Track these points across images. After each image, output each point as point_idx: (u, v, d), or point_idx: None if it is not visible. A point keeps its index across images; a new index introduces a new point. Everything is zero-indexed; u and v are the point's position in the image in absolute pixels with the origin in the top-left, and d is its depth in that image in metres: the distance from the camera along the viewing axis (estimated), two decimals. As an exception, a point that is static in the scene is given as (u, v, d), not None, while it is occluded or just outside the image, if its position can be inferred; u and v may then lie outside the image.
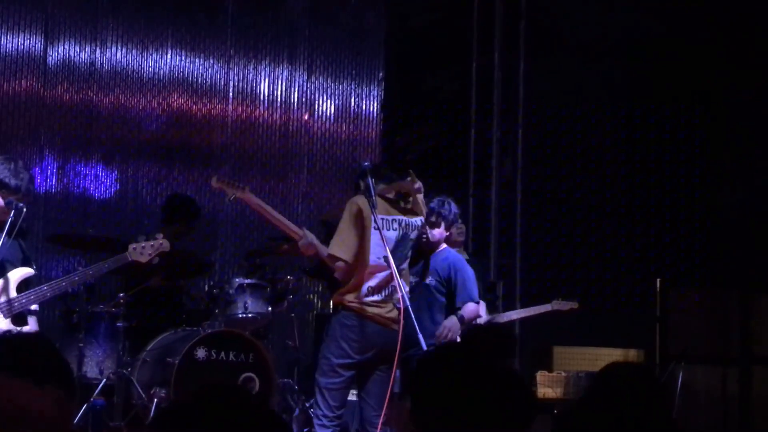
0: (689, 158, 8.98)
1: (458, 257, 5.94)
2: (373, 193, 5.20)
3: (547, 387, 7.97)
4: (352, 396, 6.62)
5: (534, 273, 8.68)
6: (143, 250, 5.42)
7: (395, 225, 5.31)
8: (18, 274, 5.16)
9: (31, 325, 5.17)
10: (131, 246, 5.43)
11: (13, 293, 5.09)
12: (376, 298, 5.20)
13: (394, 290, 5.21)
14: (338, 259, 5.17)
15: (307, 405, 6.25)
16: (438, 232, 5.83)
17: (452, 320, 5.66)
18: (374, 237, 5.15)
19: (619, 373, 2.82)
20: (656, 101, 8.94)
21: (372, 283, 5.19)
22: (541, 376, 8.54)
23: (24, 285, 5.19)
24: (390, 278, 5.18)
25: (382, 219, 5.19)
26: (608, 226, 9.05)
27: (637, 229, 9.04)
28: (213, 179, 5.41)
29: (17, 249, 5.27)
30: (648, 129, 9.00)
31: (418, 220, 5.44)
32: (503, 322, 6.72)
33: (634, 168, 9.07)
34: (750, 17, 8.51)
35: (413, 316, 5.09)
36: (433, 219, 5.79)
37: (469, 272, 5.81)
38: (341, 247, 5.17)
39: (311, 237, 5.27)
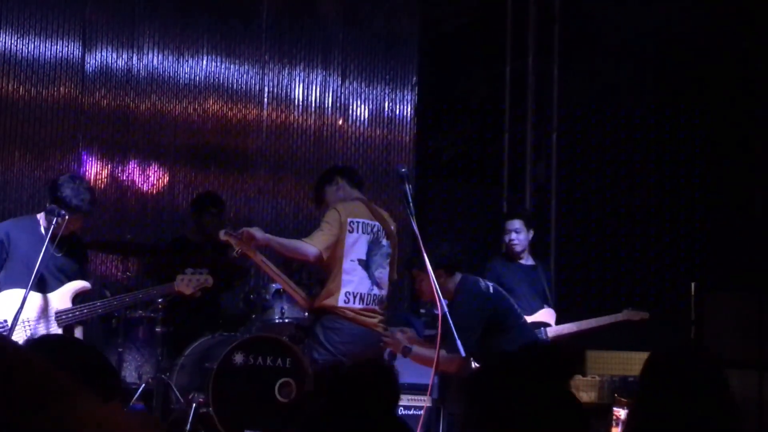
0: (725, 161, 8.91)
1: (457, 299, 5.45)
2: (410, 200, 5.25)
3: (582, 391, 7.94)
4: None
5: (569, 277, 8.65)
6: (189, 283, 5.80)
7: (369, 229, 5.38)
8: (75, 286, 5.39)
9: (77, 335, 5.31)
10: (179, 277, 5.79)
11: (68, 304, 5.28)
12: (357, 306, 5.25)
13: (379, 301, 5.29)
14: (319, 252, 5.26)
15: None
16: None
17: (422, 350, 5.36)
18: (348, 240, 5.26)
19: (664, 362, 2.77)
20: (693, 101, 8.88)
21: (349, 288, 5.25)
22: (574, 380, 8.53)
23: (78, 296, 5.41)
24: (368, 283, 5.26)
25: (363, 222, 5.29)
26: (642, 229, 9.01)
27: (671, 232, 8.99)
28: (221, 232, 5.43)
29: (75, 260, 5.48)
30: (683, 130, 8.95)
31: (392, 226, 5.50)
32: (570, 342, 6.59)
33: (668, 170, 9.02)
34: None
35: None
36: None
37: (457, 318, 5.07)
38: (322, 242, 5.27)
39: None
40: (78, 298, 5.57)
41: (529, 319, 6.13)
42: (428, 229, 7.49)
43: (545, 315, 6.45)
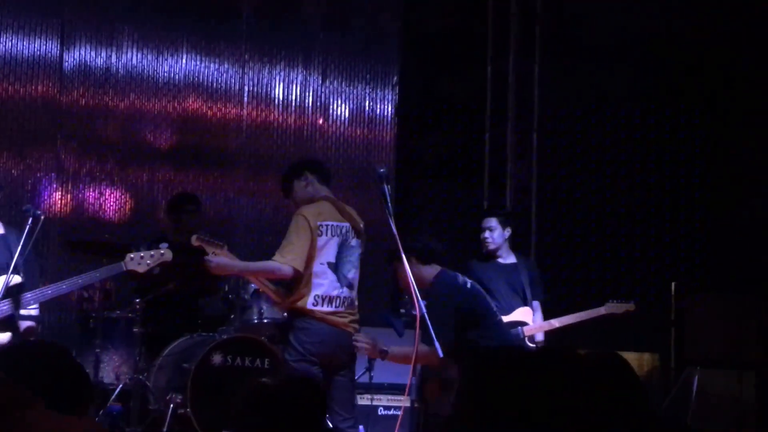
0: (708, 160, 8.94)
1: (434, 292, 5.45)
2: (389, 200, 5.24)
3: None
4: (364, 400, 6.66)
5: (549, 276, 8.66)
6: (141, 260, 5.26)
7: (339, 231, 5.35)
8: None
9: (23, 326, 5.08)
10: (129, 255, 5.26)
11: None
12: (327, 308, 5.23)
13: (350, 302, 5.27)
14: (294, 269, 5.19)
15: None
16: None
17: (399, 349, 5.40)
18: (318, 243, 5.24)
19: (591, 365, 2.82)
20: (673, 101, 8.91)
21: (319, 291, 5.23)
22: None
23: (13, 292, 5.07)
24: (338, 285, 5.23)
25: (332, 225, 5.26)
26: (623, 230, 9.03)
27: (652, 233, 9.01)
28: (193, 237, 5.29)
29: (7, 256, 5.17)
30: (664, 130, 8.97)
31: (360, 225, 5.47)
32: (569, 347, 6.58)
33: (649, 171, 9.04)
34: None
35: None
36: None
37: (433, 311, 5.12)
38: (295, 257, 5.19)
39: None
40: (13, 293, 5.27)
41: (506, 318, 6.12)
42: (409, 229, 7.46)
43: (522, 314, 6.44)
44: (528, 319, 6.48)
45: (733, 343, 8.71)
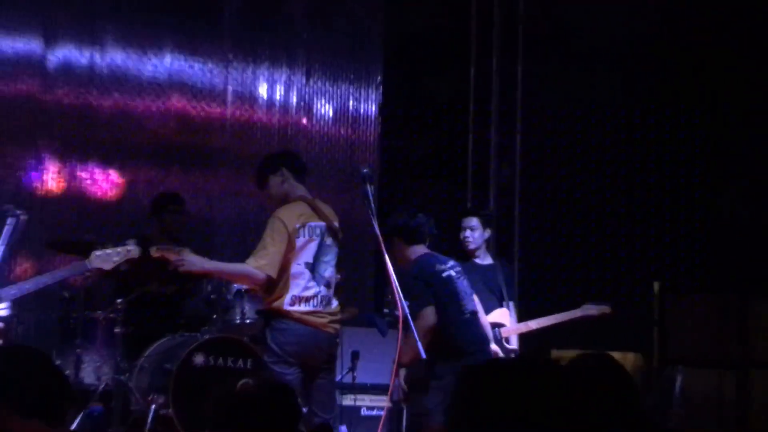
0: (689, 161, 8.97)
1: (408, 268, 5.57)
2: (371, 200, 5.24)
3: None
4: (347, 400, 6.67)
5: (533, 277, 8.68)
6: (108, 257, 5.17)
7: (316, 231, 5.34)
8: None
9: None
10: (95, 252, 5.16)
11: None
12: (304, 308, 5.23)
13: (327, 301, 5.27)
14: (267, 276, 5.15)
15: (305, 410, 6.25)
16: None
17: None
18: (296, 245, 5.22)
19: (584, 366, 2.84)
20: (655, 103, 8.94)
21: (296, 291, 5.22)
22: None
23: None
24: (315, 285, 5.23)
25: (309, 226, 5.26)
26: (607, 230, 9.05)
27: (636, 232, 9.04)
28: (152, 249, 5.17)
29: None
30: (646, 132, 9.00)
31: (335, 223, 5.45)
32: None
33: (632, 171, 9.07)
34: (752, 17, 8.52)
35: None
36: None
37: (403, 285, 5.23)
38: (268, 263, 5.14)
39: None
40: None
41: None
42: (390, 228, 7.45)
43: (499, 315, 6.45)
44: (506, 320, 6.49)
45: (716, 343, 8.75)
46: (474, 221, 6.53)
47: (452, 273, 5.57)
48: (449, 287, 5.51)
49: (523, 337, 6.75)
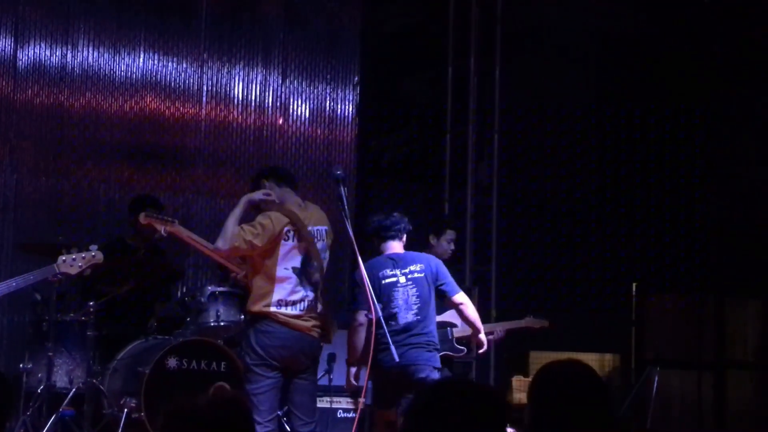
0: (666, 163, 8.99)
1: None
2: (345, 203, 5.21)
3: (524, 392, 7.95)
4: (323, 403, 6.61)
5: (510, 278, 8.66)
6: (73, 262, 5.32)
7: (305, 235, 5.31)
8: None
9: None
10: (61, 258, 5.32)
11: None
12: (290, 311, 5.19)
13: (312, 305, 5.23)
14: (230, 248, 5.20)
15: (279, 413, 6.20)
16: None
17: None
18: (283, 249, 5.19)
19: (558, 372, 2.86)
20: (632, 103, 8.95)
21: (282, 295, 5.19)
22: (517, 381, 8.52)
23: None
24: (301, 290, 5.19)
25: (300, 230, 5.23)
26: (584, 230, 9.06)
27: (613, 234, 9.05)
28: (141, 215, 5.45)
29: None
30: (622, 133, 9.01)
31: (323, 229, 5.41)
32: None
33: (609, 172, 9.08)
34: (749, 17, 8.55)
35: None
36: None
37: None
38: (228, 238, 5.17)
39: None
40: None
41: (437, 318, 6.13)
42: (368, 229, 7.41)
43: (451, 315, 6.44)
44: (457, 320, 6.48)
45: (692, 344, 8.78)
46: (454, 234, 6.64)
47: (398, 280, 5.57)
48: (387, 295, 5.54)
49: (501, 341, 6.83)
